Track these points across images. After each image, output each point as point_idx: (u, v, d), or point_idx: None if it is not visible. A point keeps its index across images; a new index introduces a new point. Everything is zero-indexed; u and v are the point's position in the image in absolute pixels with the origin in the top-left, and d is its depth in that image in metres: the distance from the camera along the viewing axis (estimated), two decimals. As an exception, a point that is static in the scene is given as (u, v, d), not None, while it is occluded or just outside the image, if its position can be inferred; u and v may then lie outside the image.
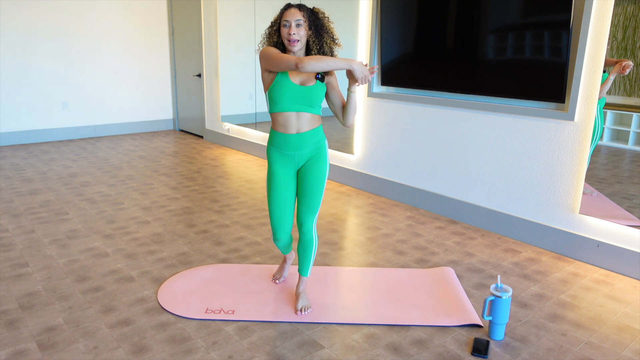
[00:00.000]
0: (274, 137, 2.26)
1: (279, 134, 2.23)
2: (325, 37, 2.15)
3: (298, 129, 2.19)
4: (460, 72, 3.60)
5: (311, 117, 2.19)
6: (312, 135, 2.22)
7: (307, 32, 2.12)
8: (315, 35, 2.12)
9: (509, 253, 3.20)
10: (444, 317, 2.39)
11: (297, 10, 2.10)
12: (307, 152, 2.25)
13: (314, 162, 2.27)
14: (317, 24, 2.13)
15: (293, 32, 2.07)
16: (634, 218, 2.84)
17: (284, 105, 2.15)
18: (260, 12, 5.39)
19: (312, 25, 2.11)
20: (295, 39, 2.07)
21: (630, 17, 2.70)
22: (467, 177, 3.68)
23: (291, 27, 2.07)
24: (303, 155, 2.25)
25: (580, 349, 2.18)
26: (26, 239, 3.25)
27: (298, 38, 2.08)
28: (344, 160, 4.71)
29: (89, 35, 6.55)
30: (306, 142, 2.22)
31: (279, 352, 2.12)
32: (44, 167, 5.14)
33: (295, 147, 2.22)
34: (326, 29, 2.16)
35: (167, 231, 3.46)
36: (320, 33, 2.13)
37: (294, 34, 2.07)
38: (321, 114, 2.25)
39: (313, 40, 2.13)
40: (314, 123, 2.21)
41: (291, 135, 2.20)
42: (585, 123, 2.96)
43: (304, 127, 2.19)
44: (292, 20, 2.08)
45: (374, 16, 4.10)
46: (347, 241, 3.43)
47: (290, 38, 2.07)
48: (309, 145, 2.23)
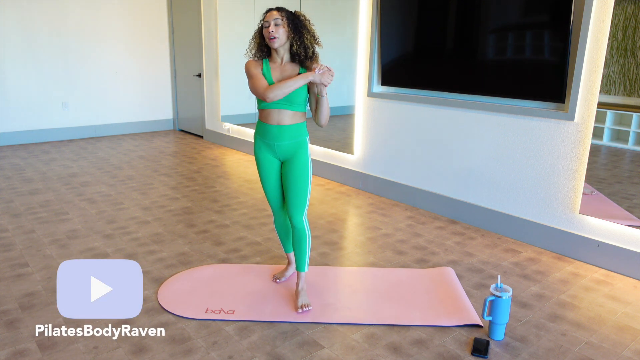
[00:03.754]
0: (258, 126, 2.47)
1: (262, 123, 2.43)
2: (306, 35, 2.32)
3: (278, 122, 2.36)
4: (461, 72, 3.60)
5: (293, 113, 2.37)
6: (292, 129, 2.38)
7: (287, 30, 2.29)
8: (294, 33, 2.30)
9: (509, 253, 3.20)
10: (444, 317, 2.39)
11: (276, 11, 2.32)
12: (287, 145, 2.39)
13: (295, 158, 2.42)
14: (296, 24, 2.31)
15: (272, 30, 2.28)
16: (634, 218, 2.84)
17: (267, 104, 2.35)
18: (260, 12, 5.36)
19: (291, 24, 2.29)
20: (274, 36, 2.27)
21: (630, 17, 2.70)
22: (467, 177, 3.68)
23: (270, 26, 2.28)
24: (283, 147, 2.40)
25: (580, 349, 2.18)
26: (26, 239, 3.26)
27: (276, 35, 2.27)
28: (344, 160, 4.71)
29: (89, 35, 6.54)
30: (284, 135, 2.37)
31: (279, 352, 2.12)
32: (44, 167, 5.14)
33: (274, 138, 2.38)
34: (307, 28, 2.34)
35: (167, 231, 3.46)
36: (300, 31, 2.30)
37: (272, 32, 2.28)
38: (305, 111, 2.42)
39: (293, 37, 2.30)
40: (295, 119, 2.38)
41: (271, 126, 2.38)
42: (585, 123, 2.96)
43: (284, 121, 2.36)
44: (271, 20, 2.29)
45: (374, 16, 4.10)
46: (347, 241, 3.43)
47: (270, 35, 2.28)
48: (287, 138, 2.38)
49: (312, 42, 2.34)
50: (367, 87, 4.31)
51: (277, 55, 2.37)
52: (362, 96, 4.38)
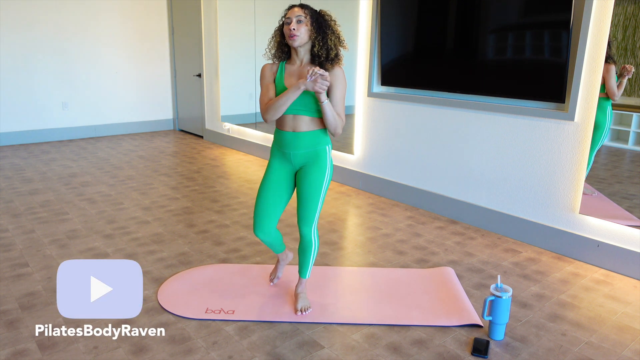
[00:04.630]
0: (275, 135, 2.33)
1: (278, 130, 2.29)
2: (330, 36, 2.17)
3: (293, 128, 2.22)
4: (461, 72, 3.60)
5: (310, 119, 2.20)
6: (309, 137, 2.22)
7: (310, 30, 2.14)
8: (317, 33, 2.14)
9: (509, 253, 3.20)
10: (444, 317, 2.39)
11: (299, 8, 2.17)
12: (304, 153, 2.24)
13: (311, 167, 2.26)
14: (320, 23, 2.15)
15: (293, 28, 2.12)
16: (634, 218, 2.84)
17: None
18: (260, 12, 5.39)
19: (315, 23, 2.14)
20: (295, 33, 2.12)
21: (630, 17, 2.70)
22: (467, 177, 3.68)
23: (292, 23, 2.13)
24: (299, 156, 2.25)
25: (580, 349, 2.18)
26: (26, 239, 3.25)
27: (297, 33, 2.12)
28: (344, 160, 4.71)
29: (89, 35, 6.54)
30: (300, 143, 2.22)
31: (279, 352, 2.12)
32: (44, 167, 5.14)
33: (290, 146, 2.24)
34: (332, 29, 2.18)
35: (167, 231, 3.46)
36: (324, 31, 2.15)
37: (293, 29, 2.12)
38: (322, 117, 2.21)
39: (316, 37, 2.14)
40: (313, 126, 2.22)
41: (286, 133, 2.24)
42: (585, 123, 2.96)
43: (300, 128, 2.21)
44: (293, 17, 2.14)
45: (374, 16, 4.10)
46: (347, 241, 3.43)
47: (290, 33, 2.13)
48: (303, 147, 2.23)
49: (337, 43, 2.18)
50: (367, 87, 4.31)
51: (297, 56, 2.21)
52: (362, 96, 4.39)
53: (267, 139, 5.67)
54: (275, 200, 2.34)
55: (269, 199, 2.33)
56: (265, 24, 5.29)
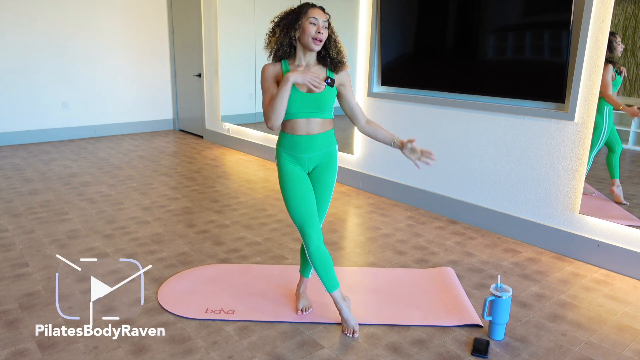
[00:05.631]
0: (283, 139, 2.19)
1: (288, 135, 2.16)
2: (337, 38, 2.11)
3: (307, 132, 2.13)
4: (461, 72, 3.60)
5: (322, 121, 2.14)
6: (322, 138, 2.16)
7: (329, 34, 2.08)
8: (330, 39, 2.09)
9: (509, 253, 3.20)
10: (444, 317, 2.39)
11: (323, 12, 2.06)
12: (317, 155, 2.18)
13: (324, 169, 2.22)
14: (332, 28, 2.10)
15: (320, 32, 2.01)
16: (634, 218, 2.84)
17: (293, 113, 2.09)
18: (260, 12, 5.39)
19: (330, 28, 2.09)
20: (322, 38, 2.01)
21: (630, 17, 2.71)
22: (467, 177, 3.68)
23: (319, 25, 2.01)
24: (313, 158, 2.18)
25: (580, 349, 2.18)
26: (26, 239, 3.25)
27: (323, 38, 2.02)
28: (344, 160, 4.70)
29: (89, 35, 6.54)
30: (315, 145, 2.15)
31: (279, 352, 2.12)
32: (44, 167, 5.14)
33: (304, 150, 2.15)
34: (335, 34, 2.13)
35: (167, 231, 3.46)
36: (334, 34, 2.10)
37: (320, 33, 2.01)
38: (332, 117, 2.19)
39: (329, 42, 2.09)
40: (325, 127, 2.16)
41: (300, 137, 2.13)
42: (585, 123, 2.96)
43: (313, 130, 2.13)
44: (320, 19, 2.01)
45: (374, 16, 4.10)
46: (347, 241, 3.43)
47: (318, 37, 2.00)
48: (318, 149, 2.17)
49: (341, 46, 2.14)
50: (367, 87, 4.31)
51: (304, 57, 2.10)
52: (362, 96, 4.38)
53: (267, 139, 5.67)
54: (309, 196, 2.17)
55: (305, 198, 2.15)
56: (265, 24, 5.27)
